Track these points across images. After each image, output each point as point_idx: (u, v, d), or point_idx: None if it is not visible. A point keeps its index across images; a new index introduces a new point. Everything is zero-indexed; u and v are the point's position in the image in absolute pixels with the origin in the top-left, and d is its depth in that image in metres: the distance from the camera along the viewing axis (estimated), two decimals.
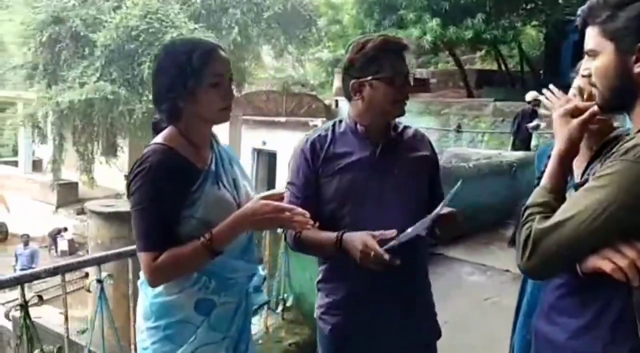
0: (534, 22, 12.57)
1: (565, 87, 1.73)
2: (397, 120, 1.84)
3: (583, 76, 1.26)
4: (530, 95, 8.16)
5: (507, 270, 4.32)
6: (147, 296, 1.51)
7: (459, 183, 1.60)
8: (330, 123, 1.85)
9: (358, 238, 1.61)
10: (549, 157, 1.88)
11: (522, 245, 1.12)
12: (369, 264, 1.58)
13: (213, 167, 1.54)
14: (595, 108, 1.24)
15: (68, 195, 16.55)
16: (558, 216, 1.10)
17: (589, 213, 1.06)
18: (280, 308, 3.18)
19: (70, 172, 15.81)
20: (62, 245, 14.51)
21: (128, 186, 1.44)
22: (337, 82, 14.16)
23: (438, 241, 1.79)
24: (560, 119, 1.29)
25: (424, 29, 9.74)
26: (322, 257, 1.86)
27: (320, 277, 1.87)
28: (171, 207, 1.42)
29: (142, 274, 1.48)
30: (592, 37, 1.19)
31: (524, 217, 1.17)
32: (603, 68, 1.18)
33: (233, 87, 1.57)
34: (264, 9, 15.02)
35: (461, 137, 10.38)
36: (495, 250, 5.06)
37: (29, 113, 15.02)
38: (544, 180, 1.23)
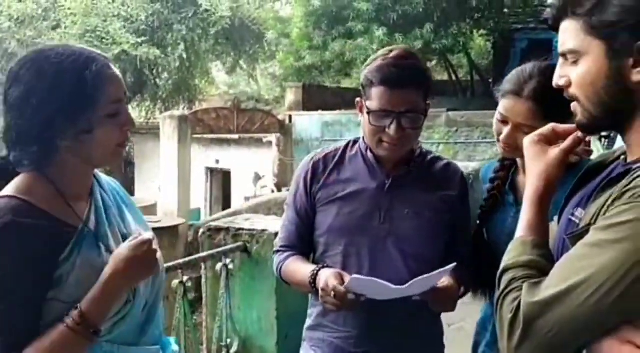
0: (482, 31, 12.69)
1: None
2: (424, 147, 1.55)
3: (558, 86, 0.95)
4: None
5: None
6: None
7: (451, 266, 1.31)
8: (345, 142, 1.57)
9: (324, 275, 1.35)
10: (491, 180, 1.62)
11: (509, 325, 0.82)
12: (329, 305, 1.33)
13: (92, 222, 1.13)
14: (580, 133, 0.95)
15: None
16: (556, 284, 0.80)
17: (603, 280, 0.76)
18: None
19: None
20: None
21: None
22: (290, 96, 13.90)
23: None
24: (532, 147, 0.98)
25: (371, 39, 9.61)
26: (304, 292, 1.58)
27: (308, 323, 1.58)
28: (34, 287, 1.03)
29: None
30: (573, 35, 0.90)
31: (505, 283, 0.87)
32: (589, 75, 0.89)
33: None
34: (211, 24, 14.66)
35: None
36: None
37: None
38: (522, 231, 0.93)
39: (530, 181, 0.97)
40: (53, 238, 1.05)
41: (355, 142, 1.55)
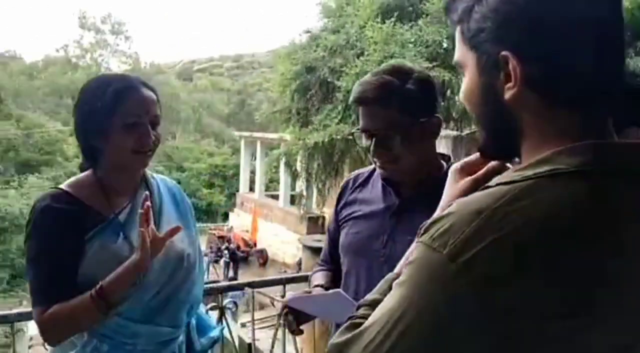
0: None
1: None
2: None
3: (459, 102, 0.83)
4: None
5: None
6: None
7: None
8: None
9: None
10: None
11: None
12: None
13: (123, 215, 1.39)
14: (495, 163, 0.81)
15: (314, 227, 18.01)
16: (360, 327, 0.72)
17: (379, 327, 0.67)
18: None
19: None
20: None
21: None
22: None
23: None
24: (450, 175, 0.89)
25: None
26: None
27: None
28: (63, 257, 1.30)
29: None
30: (458, 44, 0.79)
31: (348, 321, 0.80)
32: (466, 91, 0.77)
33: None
34: None
35: None
36: None
37: (284, 152, 17.10)
38: (398, 266, 0.86)
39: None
40: (80, 221, 1.34)
41: None
